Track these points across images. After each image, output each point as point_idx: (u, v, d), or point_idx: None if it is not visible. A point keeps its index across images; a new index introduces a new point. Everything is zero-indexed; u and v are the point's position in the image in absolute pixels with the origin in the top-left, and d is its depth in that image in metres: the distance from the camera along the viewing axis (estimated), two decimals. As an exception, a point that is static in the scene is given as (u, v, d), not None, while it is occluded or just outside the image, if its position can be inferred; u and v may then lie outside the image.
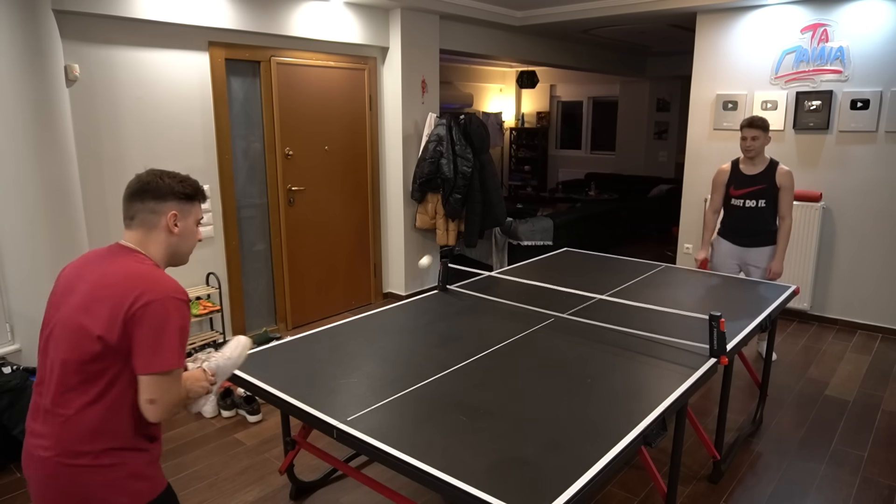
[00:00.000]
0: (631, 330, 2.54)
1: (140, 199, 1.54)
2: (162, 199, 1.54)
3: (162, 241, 1.58)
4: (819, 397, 3.61)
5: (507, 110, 10.42)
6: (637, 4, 5.06)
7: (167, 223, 1.56)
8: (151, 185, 1.53)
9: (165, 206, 1.55)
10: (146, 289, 1.42)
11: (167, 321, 1.41)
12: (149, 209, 1.54)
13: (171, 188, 1.55)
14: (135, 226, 1.55)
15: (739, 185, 3.78)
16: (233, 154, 4.27)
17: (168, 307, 1.42)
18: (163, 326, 1.41)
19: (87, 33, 3.44)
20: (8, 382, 2.92)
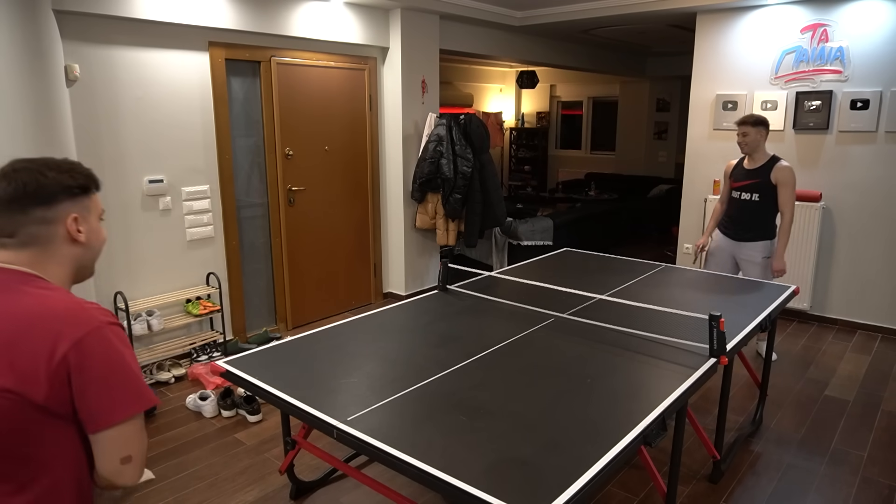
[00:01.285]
0: (631, 330, 2.54)
1: (20, 208, 1.11)
2: (52, 201, 1.13)
3: (65, 255, 1.17)
4: (819, 397, 3.61)
5: (507, 110, 10.42)
6: (637, 4, 5.06)
7: (68, 231, 1.16)
8: (30, 185, 1.11)
9: (59, 209, 1.14)
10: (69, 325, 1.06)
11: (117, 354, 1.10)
12: (37, 220, 1.12)
13: (59, 184, 1.14)
14: (17, 245, 1.12)
15: (737, 179, 3.85)
16: (233, 154, 4.27)
17: (109, 337, 1.09)
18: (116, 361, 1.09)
19: (87, 33, 3.44)
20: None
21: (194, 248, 4.12)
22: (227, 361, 2.27)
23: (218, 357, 4.07)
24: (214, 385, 3.69)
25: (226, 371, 2.20)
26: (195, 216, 4.08)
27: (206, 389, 3.63)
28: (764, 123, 3.70)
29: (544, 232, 6.03)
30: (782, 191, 3.69)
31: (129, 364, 1.10)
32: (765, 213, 3.77)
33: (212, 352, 4.09)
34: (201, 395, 3.46)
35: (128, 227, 3.77)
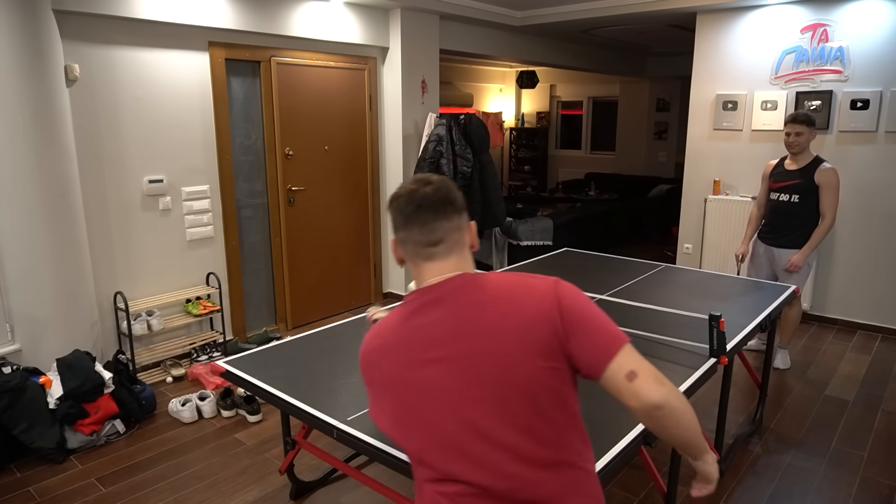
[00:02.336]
0: (631, 330, 2.54)
1: (445, 214, 1.20)
2: (461, 209, 1.23)
3: (470, 262, 1.26)
4: (819, 397, 3.61)
5: (507, 110, 10.42)
6: (637, 4, 5.06)
7: (471, 238, 1.27)
8: (450, 194, 1.21)
9: (465, 216, 1.24)
10: (537, 285, 1.19)
11: (586, 302, 1.20)
12: (456, 227, 1.22)
13: (461, 195, 1.25)
14: (443, 253, 1.21)
15: (777, 180, 3.73)
16: (233, 154, 4.27)
17: (571, 290, 1.20)
18: (586, 303, 1.19)
19: (87, 33, 3.44)
20: (8, 382, 2.92)
21: (194, 248, 4.12)
22: (227, 361, 2.27)
23: (218, 357, 4.07)
24: (214, 385, 3.69)
25: (226, 371, 2.20)
26: (195, 216, 4.07)
27: (206, 389, 3.63)
28: (815, 123, 3.57)
29: (544, 232, 6.03)
30: (825, 194, 3.55)
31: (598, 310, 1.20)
32: (805, 216, 3.62)
33: (212, 352, 4.09)
34: (200, 396, 3.45)
35: (128, 227, 3.77)
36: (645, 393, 1.11)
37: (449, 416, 1.16)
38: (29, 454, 3.00)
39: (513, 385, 1.13)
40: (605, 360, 1.14)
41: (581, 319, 1.16)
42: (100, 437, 3.12)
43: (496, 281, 1.21)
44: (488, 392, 1.14)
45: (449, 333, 1.17)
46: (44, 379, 3.07)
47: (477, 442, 1.15)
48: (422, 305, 1.21)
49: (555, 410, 1.16)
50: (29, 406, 2.94)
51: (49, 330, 3.22)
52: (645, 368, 1.14)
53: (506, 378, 1.13)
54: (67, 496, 2.71)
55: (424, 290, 1.22)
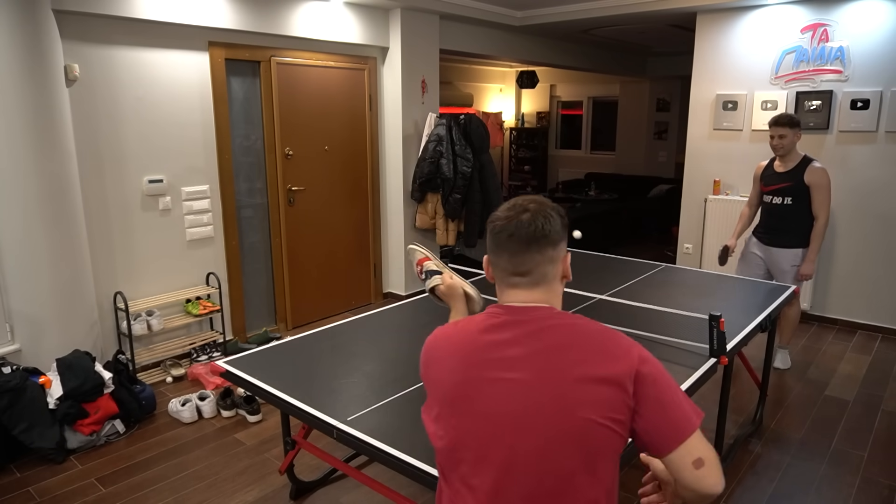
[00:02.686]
0: (631, 330, 2.54)
1: (538, 248, 1.17)
2: (558, 242, 1.20)
3: (558, 292, 1.24)
4: (819, 397, 3.61)
5: (507, 110, 10.42)
6: (637, 4, 5.06)
7: (564, 269, 1.24)
8: (547, 227, 1.17)
9: (561, 249, 1.21)
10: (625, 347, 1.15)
11: (665, 378, 1.16)
12: (548, 259, 1.19)
13: (561, 224, 1.20)
14: (530, 283, 1.20)
15: (768, 183, 3.72)
16: (233, 154, 4.27)
17: (653, 362, 1.16)
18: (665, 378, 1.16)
19: (87, 33, 3.44)
20: (8, 382, 2.92)
21: (194, 248, 4.12)
22: (226, 361, 2.27)
23: (218, 357, 4.07)
24: (214, 385, 3.69)
25: (226, 371, 2.20)
26: (195, 216, 4.07)
27: (206, 389, 3.63)
28: (799, 124, 3.57)
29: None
30: (816, 193, 3.54)
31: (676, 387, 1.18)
32: (799, 217, 3.62)
33: (212, 352, 4.09)
34: (200, 396, 3.45)
35: (128, 227, 3.77)
36: (708, 484, 1.11)
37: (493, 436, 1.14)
38: (29, 454, 3.00)
39: (565, 430, 1.11)
40: (675, 441, 1.12)
41: (656, 393, 1.13)
42: (100, 437, 3.12)
43: (581, 324, 1.19)
44: (539, 427, 1.12)
45: (523, 358, 1.15)
46: (44, 379, 3.07)
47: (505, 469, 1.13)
48: (504, 323, 1.19)
49: (597, 470, 1.14)
50: (29, 406, 2.94)
51: (49, 330, 3.22)
52: (711, 457, 1.12)
53: (561, 420, 1.11)
54: (67, 496, 2.71)
55: (509, 308, 1.20)
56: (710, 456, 1.12)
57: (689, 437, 1.12)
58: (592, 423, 1.10)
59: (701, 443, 1.13)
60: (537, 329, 1.16)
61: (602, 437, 1.11)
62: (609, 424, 1.10)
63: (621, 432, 1.13)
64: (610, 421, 1.10)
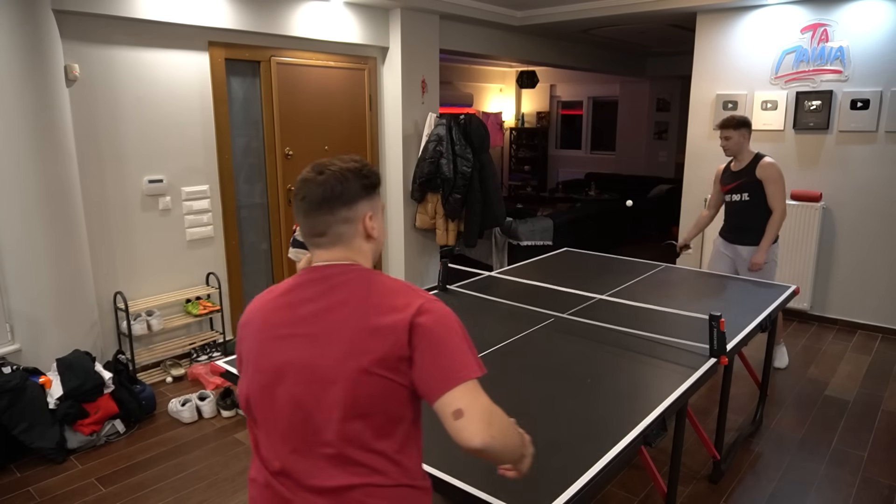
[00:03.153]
0: (631, 330, 2.54)
1: (329, 209, 1.23)
2: (352, 201, 1.25)
3: (365, 250, 1.29)
4: (819, 397, 3.61)
5: (507, 110, 10.42)
6: (637, 4, 5.06)
7: (365, 228, 1.28)
8: (336, 188, 1.23)
9: (358, 208, 1.26)
10: (409, 297, 1.19)
11: (450, 322, 1.18)
12: (341, 219, 1.25)
13: (357, 184, 1.26)
14: (329, 243, 1.26)
15: (726, 182, 3.81)
16: (233, 154, 4.27)
17: (440, 311, 1.19)
18: (448, 329, 1.18)
19: (87, 33, 3.44)
20: (8, 382, 2.92)
21: (194, 248, 4.12)
22: (227, 361, 2.26)
23: (218, 357, 4.07)
24: (214, 385, 3.69)
25: (226, 371, 2.19)
26: (195, 216, 4.07)
27: (206, 389, 3.63)
28: (746, 125, 3.64)
29: (544, 232, 6.03)
30: (769, 187, 3.63)
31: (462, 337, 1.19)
32: (759, 213, 3.69)
33: (212, 352, 4.09)
34: (200, 395, 3.45)
35: (128, 227, 3.77)
36: (465, 437, 1.10)
37: (275, 388, 1.20)
38: (29, 454, 3.00)
39: (341, 380, 1.15)
40: (439, 390, 1.12)
41: (430, 343, 1.15)
42: (100, 437, 3.12)
43: (371, 279, 1.23)
44: (319, 378, 1.17)
45: (314, 314, 1.20)
46: (44, 379, 3.07)
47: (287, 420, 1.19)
48: (304, 282, 1.26)
49: (376, 420, 1.16)
50: (29, 406, 2.94)
51: (49, 330, 3.22)
52: (475, 409, 1.10)
53: (338, 371, 1.15)
54: (67, 496, 2.71)
55: (313, 269, 1.27)
56: (473, 408, 1.11)
57: (455, 387, 1.11)
58: (366, 373, 1.13)
59: (467, 394, 1.12)
60: (329, 286, 1.22)
61: (375, 387, 1.14)
62: (383, 374, 1.14)
63: (398, 381, 1.15)
64: (385, 370, 1.14)
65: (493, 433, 1.11)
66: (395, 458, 1.19)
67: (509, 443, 1.16)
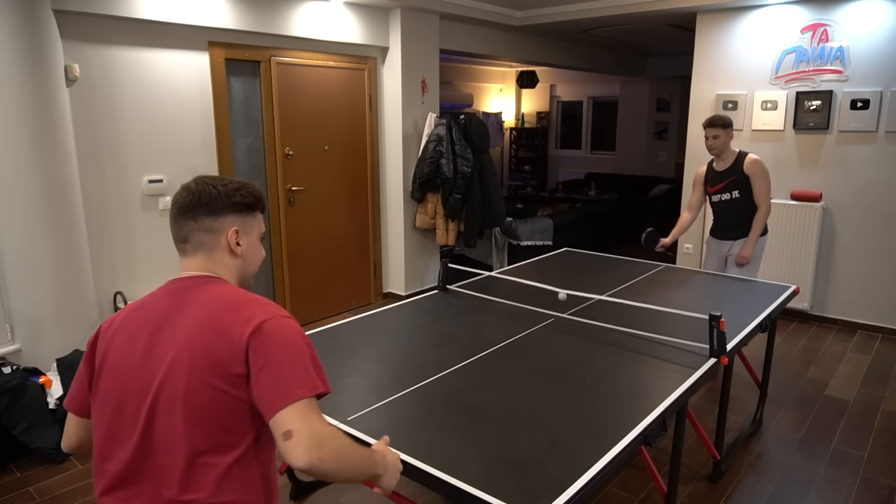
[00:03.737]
0: (631, 330, 2.54)
1: (192, 216, 1.27)
2: (218, 213, 1.28)
3: (227, 264, 1.32)
4: (819, 397, 3.61)
5: (507, 110, 10.42)
6: (637, 4, 5.06)
7: (228, 242, 1.30)
8: (204, 197, 1.27)
9: (223, 221, 1.29)
10: (250, 311, 1.19)
11: (291, 341, 1.19)
12: (204, 228, 1.28)
13: (227, 199, 1.29)
14: (191, 249, 1.29)
15: (713, 183, 3.84)
16: (233, 154, 4.27)
17: (284, 326, 1.20)
18: (287, 344, 1.18)
19: (87, 33, 3.44)
20: (8, 382, 2.92)
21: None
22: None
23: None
24: (214, 385, 3.68)
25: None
26: (195, 216, 4.07)
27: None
28: (731, 124, 3.73)
29: (544, 232, 6.03)
30: (756, 182, 3.68)
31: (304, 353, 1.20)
32: (750, 208, 3.74)
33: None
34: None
35: (128, 227, 3.77)
36: (292, 458, 1.10)
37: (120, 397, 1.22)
38: (29, 454, 3.00)
39: (180, 393, 1.16)
40: (273, 409, 1.12)
41: (267, 361, 1.14)
42: (100, 437, 3.11)
43: (220, 293, 1.24)
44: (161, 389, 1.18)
45: (153, 325, 1.23)
46: (44, 379, 3.07)
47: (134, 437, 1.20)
48: (155, 293, 1.30)
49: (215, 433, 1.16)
50: (29, 406, 2.94)
51: (49, 330, 3.22)
52: (305, 431, 1.10)
53: (178, 384, 1.16)
54: (67, 496, 2.71)
55: (173, 280, 1.30)
56: (303, 430, 1.10)
57: (287, 406, 1.11)
58: (205, 386, 1.15)
59: (299, 416, 1.11)
60: (181, 300, 1.24)
61: (214, 401, 1.15)
62: (223, 387, 1.15)
63: (237, 396, 1.16)
64: (225, 384, 1.15)
65: (322, 455, 1.10)
66: (230, 471, 1.18)
67: (345, 465, 1.17)
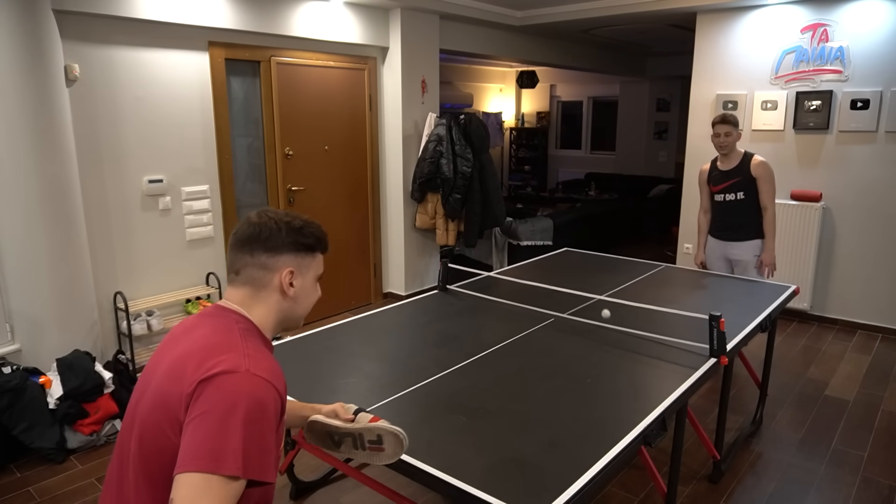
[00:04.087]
0: (631, 330, 2.54)
1: (249, 250, 1.25)
2: (276, 251, 1.26)
3: (273, 303, 1.28)
4: (819, 397, 3.61)
5: (507, 110, 10.42)
6: (637, 4, 5.06)
7: (281, 282, 1.27)
8: (264, 233, 1.25)
9: (280, 260, 1.26)
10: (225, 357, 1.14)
11: (233, 401, 1.08)
12: (259, 264, 1.26)
13: (288, 238, 1.26)
14: (240, 282, 1.27)
15: (717, 182, 3.80)
16: (233, 154, 4.27)
17: (242, 386, 1.10)
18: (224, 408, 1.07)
19: (87, 33, 3.44)
20: (8, 382, 2.92)
21: (194, 248, 4.12)
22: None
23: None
24: (214, 385, 3.68)
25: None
26: (195, 216, 4.07)
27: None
28: (738, 123, 3.70)
29: (544, 232, 6.03)
30: (763, 185, 3.65)
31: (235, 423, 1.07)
32: (753, 210, 3.72)
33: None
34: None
35: (128, 227, 3.77)
36: None
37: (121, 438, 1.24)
38: (29, 454, 3.00)
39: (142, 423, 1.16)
40: (177, 468, 1.05)
41: (197, 420, 1.07)
42: (100, 438, 3.12)
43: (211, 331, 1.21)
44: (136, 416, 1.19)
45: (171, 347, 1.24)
46: (44, 379, 3.07)
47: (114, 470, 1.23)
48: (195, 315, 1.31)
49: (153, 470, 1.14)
50: (29, 406, 2.94)
51: (49, 330, 3.22)
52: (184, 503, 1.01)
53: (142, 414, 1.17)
54: (67, 496, 2.71)
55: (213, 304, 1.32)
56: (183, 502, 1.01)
57: (182, 473, 1.03)
58: (155, 425, 1.14)
59: (186, 488, 1.02)
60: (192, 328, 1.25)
61: (159, 441, 1.13)
62: (167, 432, 1.12)
63: (176, 441, 1.11)
64: (169, 429, 1.12)
65: None
66: None
67: None
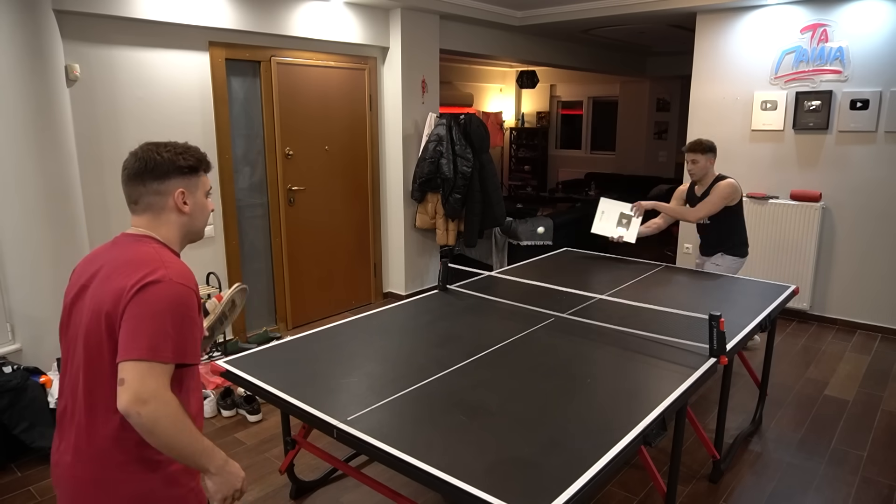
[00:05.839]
0: (631, 330, 2.54)
1: (141, 181, 1.41)
2: (164, 177, 1.42)
3: (173, 221, 1.46)
4: (819, 397, 3.62)
5: (507, 110, 10.42)
6: (637, 4, 5.06)
7: (175, 202, 1.44)
8: (150, 164, 1.40)
9: (170, 184, 1.43)
10: (150, 270, 1.32)
11: (163, 304, 1.29)
12: (153, 191, 1.42)
13: (171, 163, 1.42)
14: (140, 210, 1.44)
15: (692, 204, 3.85)
16: (233, 154, 4.27)
17: (168, 291, 1.30)
18: (156, 310, 1.28)
19: (88, 33, 3.44)
20: (8, 382, 2.92)
21: (194, 248, 4.12)
22: (227, 361, 2.27)
23: (218, 357, 4.07)
24: (214, 385, 3.69)
25: (226, 371, 2.20)
26: (195, 216, 4.07)
27: (207, 389, 3.63)
28: (713, 149, 3.70)
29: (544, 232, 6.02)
30: (710, 195, 3.66)
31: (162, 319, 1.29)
32: (724, 230, 3.76)
33: (212, 351, 4.09)
34: (201, 395, 3.45)
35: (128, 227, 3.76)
36: (118, 402, 1.24)
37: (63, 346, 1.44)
38: (29, 454, 3.00)
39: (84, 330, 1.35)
40: (119, 357, 1.27)
41: (132, 315, 1.28)
42: (100, 437, 3.11)
43: (133, 252, 1.38)
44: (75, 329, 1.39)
45: (90, 273, 1.40)
46: (44, 378, 3.07)
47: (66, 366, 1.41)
48: (105, 244, 1.48)
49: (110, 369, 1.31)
50: (29, 406, 2.95)
51: (49, 330, 3.22)
52: (136, 382, 1.23)
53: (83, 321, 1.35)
54: (68, 496, 2.71)
55: (120, 234, 1.48)
56: (134, 383, 1.23)
57: (128, 361, 1.25)
58: (97, 333, 1.32)
59: (136, 371, 1.24)
60: (113, 253, 1.41)
61: (101, 347, 1.32)
62: (106, 337, 1.31)
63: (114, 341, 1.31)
64: (107, 335, 1.31)
65: (142, 411, 1.22)
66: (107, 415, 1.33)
67: (166, 434, 1.25)
